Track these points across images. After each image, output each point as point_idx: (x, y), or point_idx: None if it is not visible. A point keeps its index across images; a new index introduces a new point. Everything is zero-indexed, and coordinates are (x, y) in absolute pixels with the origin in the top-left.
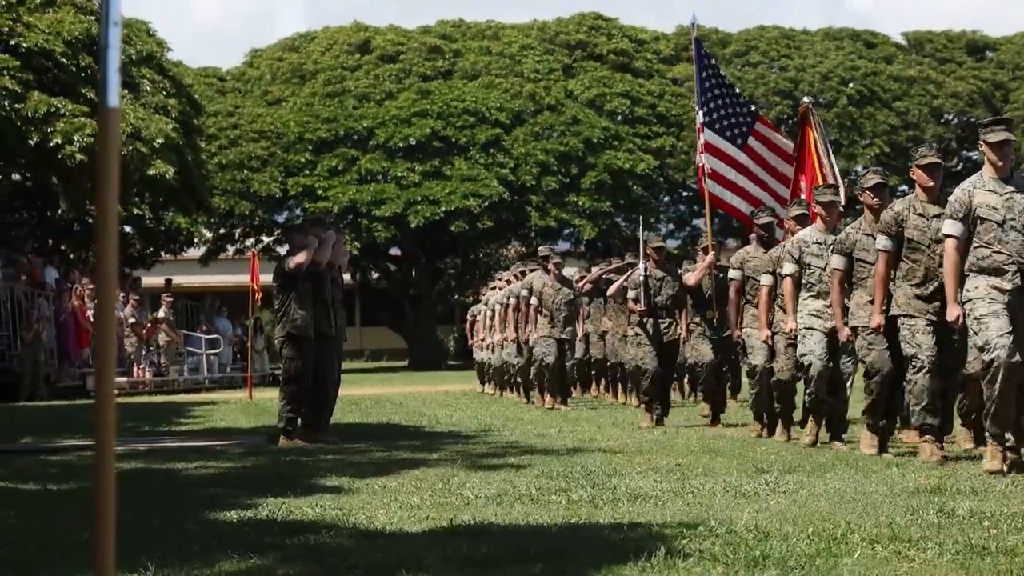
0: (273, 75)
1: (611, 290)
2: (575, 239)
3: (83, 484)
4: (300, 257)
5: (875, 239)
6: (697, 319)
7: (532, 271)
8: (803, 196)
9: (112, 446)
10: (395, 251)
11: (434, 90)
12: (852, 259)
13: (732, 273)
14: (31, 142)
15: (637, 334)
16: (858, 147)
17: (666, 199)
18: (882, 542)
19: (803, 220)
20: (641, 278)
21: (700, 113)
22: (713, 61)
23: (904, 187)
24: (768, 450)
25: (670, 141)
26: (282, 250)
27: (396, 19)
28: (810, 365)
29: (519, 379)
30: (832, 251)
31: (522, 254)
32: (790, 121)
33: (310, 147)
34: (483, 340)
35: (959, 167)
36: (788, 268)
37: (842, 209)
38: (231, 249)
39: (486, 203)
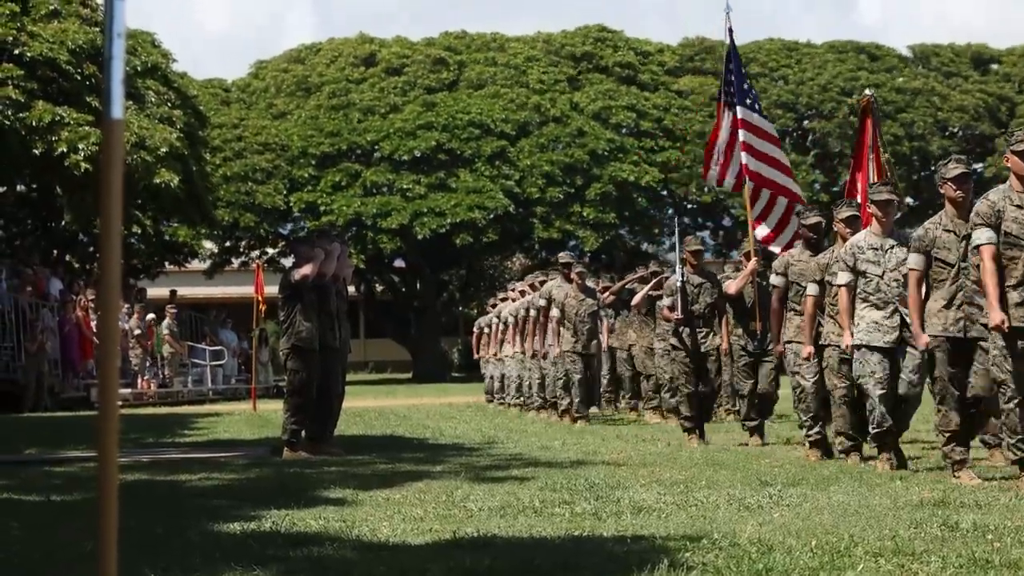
0: (278, 87)
1: (636, 300)
2: (579, 251)
3: (86, 495)
4: (306, 269)
5: (957, 235)
6: (738, 331)
7: (550, 280)
8: (858, 196)
9: (115, 457)
10: (399, 263)
11: (439, 102)
12: (931, 258)
13: (774, 280)
14: (35, 151)
15: (674, 346)
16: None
17: (670, 212)
18: (885, 555)
19: (854, 222)
20: (678, 284)
21: (738, 109)
22: (741, 68)
23: (909, 199)
24: (772, 463)
25: (675, 154)
26: (286, 262)
27: (403, 31)
28: (869, 390)
29: (541, 395)
30: (910, 249)
31: (526, 266)
32: (794, 133)
33: (313, 161)
34: (493, 354)
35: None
36: (842, 278)
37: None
38: (236, 262)
39: (491, 215)
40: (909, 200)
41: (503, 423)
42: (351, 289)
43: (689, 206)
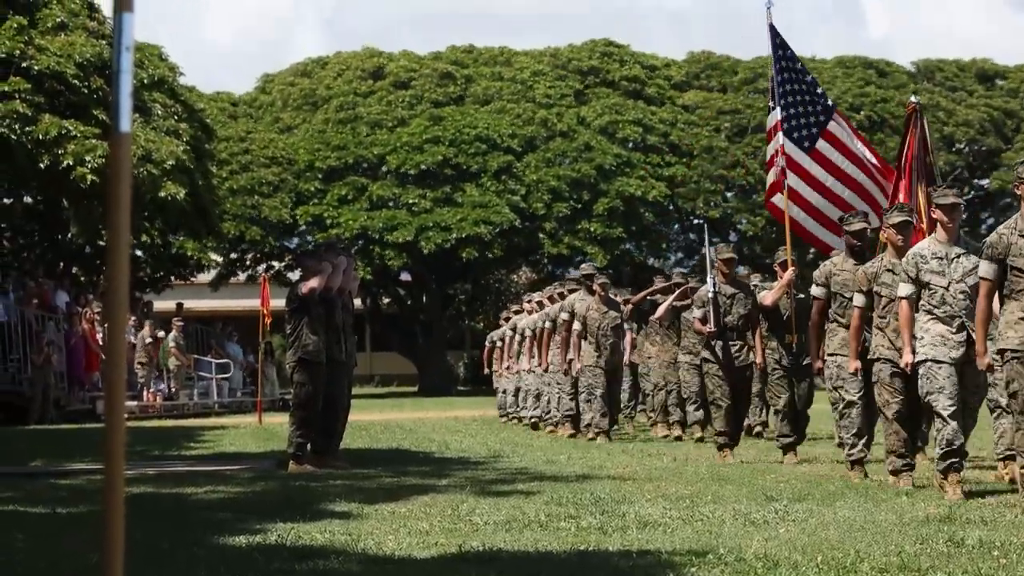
0: (285, 101)
1: (660, 311)
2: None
3: (92, 507)
4: (313, 282)
5: None
6: (773, 344)
7: (571, 292)
8: (902, 200)
9: (121, 470)
10: (406, 276)
11: (446, 116)
12: (1005, 267)
13: (815, 291)
14: (42, 165)
15: (706, 360)
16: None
17: (676, 227)
18: (891, 571)
19: (904, 228)
20: (709, 295)
21: (778, 110)
22: (789, 52)
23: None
24: (777, 478)
25: (681, 170)
26: (293, 275)
27: (410, 45)
28: (939, 406)
29: (558, 410)
30: (982, 257)
31: (533, 280)
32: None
33: (320, 175)
34: (508, 368)
35: (970, 196)
36: (903, 289)
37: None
38: (242, 275)
39: (497, 230)
40: None
41: (509, 437)
42: (357, 302)
43: (696, 221)
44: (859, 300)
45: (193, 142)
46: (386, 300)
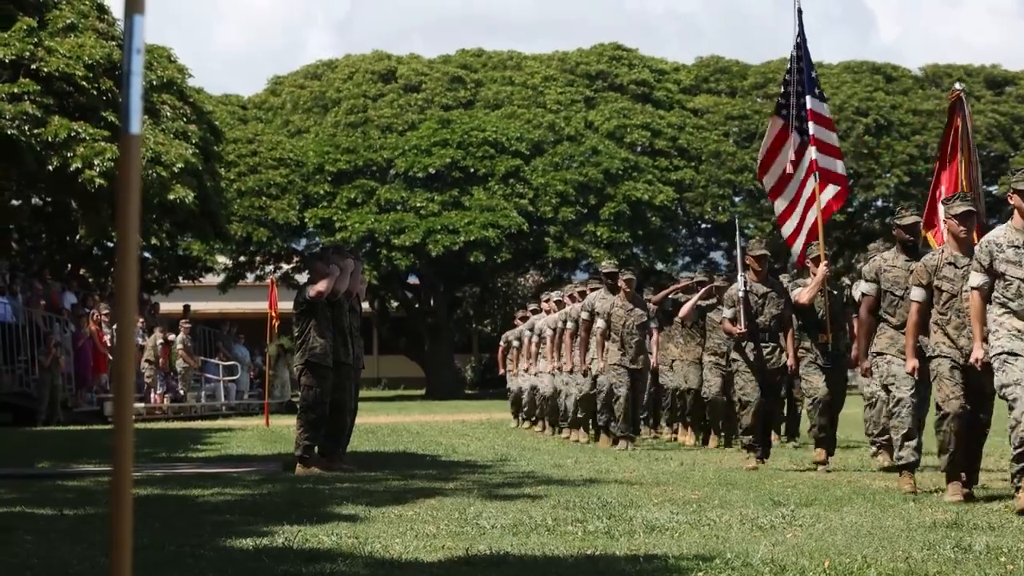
0: (294, 104)
1: (684, 310)
2: (593, 270)
3: (99, 509)
4: (321, 285)
5: None
6: (807, 344)
7: (592, 291)
8: (962, 189)
9: (130, 471)
10: (413, 279)
11: (455, 119)
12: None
13: (865, 287)
14: (51, 166)
15: (735, 360)
16: (875, 176)
17: (683, 231)
18: None
19: (968, 218)
20: (740, 293)
21: (808, 99)
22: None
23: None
24: (784, 483)
25: (690, 174)
26: (300, 277)
27: (421, 49)
28: (1018, 400)
29: (580, 414)
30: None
31: (540, 284)
32: None
33: (329, 178)
34: (525, 369)
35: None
36: (975, 279)
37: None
38: (250, 276)
39: (505, 234)
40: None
41: (516, 440)
42: (365, 305)
43: (704, 225)
44: (918, 295)
45: (201, 144)
46: (394, 303)
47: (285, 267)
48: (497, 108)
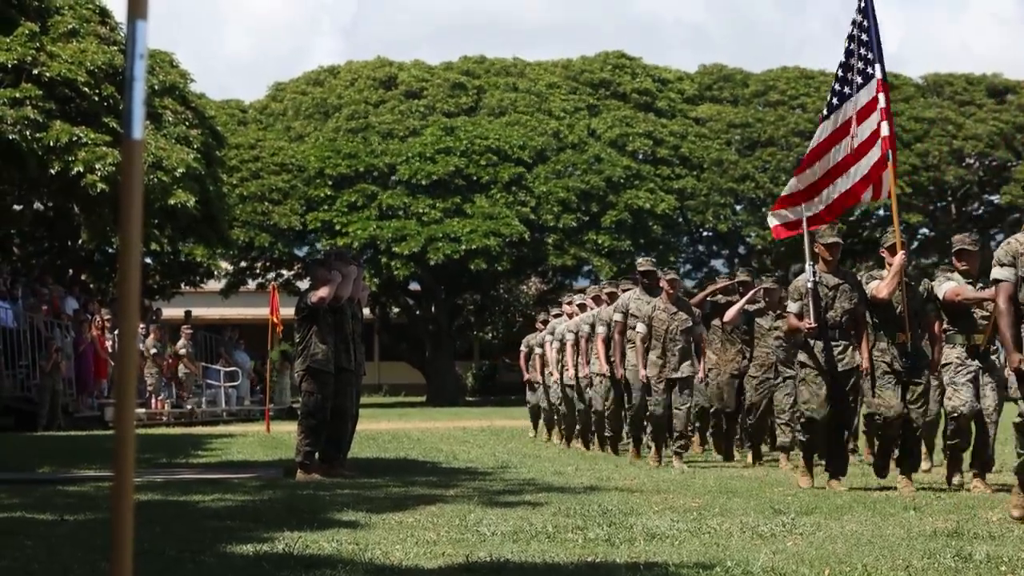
0: (296, 109)
1: (729, 314)
2: (593, 277)
3: (100, 515)
4: (323, 291)
5: None
6: (882, 346)
7: (624, 291)
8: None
9: (131, 476)
10: (415, 286)
11: (458, 126)
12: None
13: (999, 272)
14: (52, 171)
15: (802, 364)
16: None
17: (685, 239)
18: None
19: None
20: (808, 285)
21: (878, 68)
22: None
23: (924, 230)
24: (785, 491)
25: (691, 182)
26: (302, 284)
27: (432, 56)
28: None
29: (615, 425)
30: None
31: (541, 291)
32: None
33: (330, 182)
34: (550, 373)
35: (980, 211)
36: None
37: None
38: (252, 283)
39: (506, 242)
40: (924, 230)
41: (517, 447)
42: (366, 312)
43: (705, 233)
44: None
45: (203, 149)
46: (395, 310)
47: (287, 274)
48: (500, 115)
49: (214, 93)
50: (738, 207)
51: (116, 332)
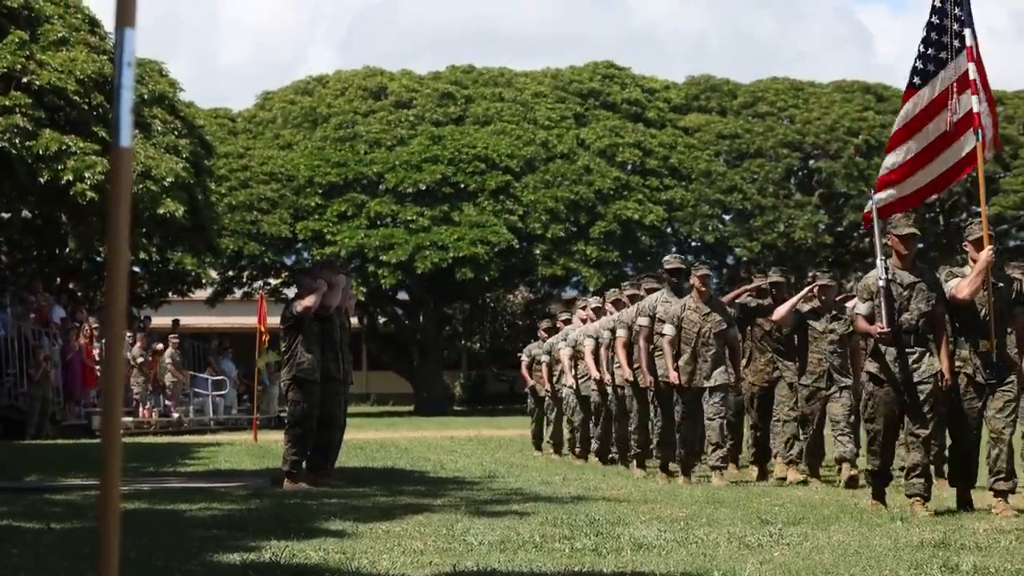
0: (285, 119)
1: (780, 311)
2: (581, 287)
3: (87, 523)
4: (309, 301)
5: None
6: (964, 353)
7: (648, 292)
8: None
9: (118, 485)
10: (403, 295)
11: (446, 135)
12: None
13: None
14: (41, 180)
15: (873, 375)
16: (866, 198)
17: (674, 250)
18: None
19: None
20: (880, 283)
21: (968, 33)
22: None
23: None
24: (772, 501)
25: (680, 193)
26: (290, 292)
27: (428, 67)
28: None
29: (635, 439)
30: None
31: (529, 300)
32: (799, 173)
33: (320, 191)
34: (564, 384)
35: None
36: None
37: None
38: (239, 292)
39: (494, 250)
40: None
41: (504, 457)
42: (354, 321)
43: (693, 244)
44: None
45: (192, 158)
46: (383, 319)
47: (274, 282)
48: (487, 124)
49: (212, 103)
50: (726, 218)
51: (104, 341)
